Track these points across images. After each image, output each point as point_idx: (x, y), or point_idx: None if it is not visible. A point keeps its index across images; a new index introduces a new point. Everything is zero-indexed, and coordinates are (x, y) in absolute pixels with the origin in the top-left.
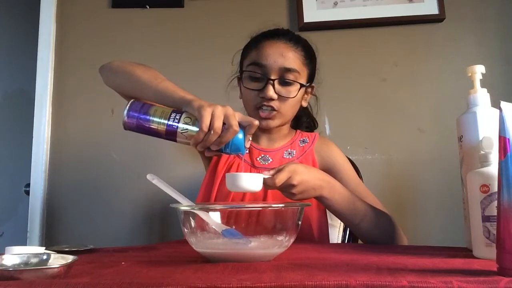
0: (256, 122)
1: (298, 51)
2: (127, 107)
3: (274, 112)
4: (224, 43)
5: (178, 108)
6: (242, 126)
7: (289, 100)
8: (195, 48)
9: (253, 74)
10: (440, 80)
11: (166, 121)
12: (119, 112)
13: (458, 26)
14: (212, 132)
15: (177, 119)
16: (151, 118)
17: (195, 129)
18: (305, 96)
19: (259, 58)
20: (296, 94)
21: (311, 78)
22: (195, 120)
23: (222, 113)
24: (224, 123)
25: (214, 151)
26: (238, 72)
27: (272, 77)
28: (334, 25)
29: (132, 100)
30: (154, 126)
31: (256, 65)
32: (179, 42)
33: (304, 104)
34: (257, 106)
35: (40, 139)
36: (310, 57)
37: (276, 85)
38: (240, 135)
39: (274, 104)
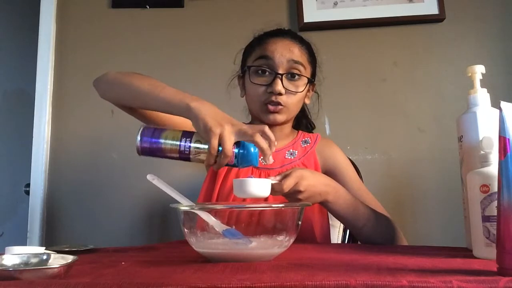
0: (266, 130)
1: (303, 48)
2: (139, 134)
3: (282, 107)
4: (224, 43)
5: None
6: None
7: (296, 95)
8: (195, 48)
9: (260, 69)
10: (440, 80)
11: (178, 146)
12: (119, 113)
13: (458, 26)
14: (223, 156)
15: (188, 141)
16: (163, 143)
17: (207, 150)
18: (308, 93)
19: (266, 52)
20: (304, 89)
21: (313, 75)
22: (206, 140)
23: (231, 134)
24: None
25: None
26: (239, 71)
27: (280, 71)
28: (334, 25)
29: (143, 127)
30: (167, 150)
31: (263, 59)
32: (179, 42)
33: (307, 101)
34: (265, 101)
35: (40, 139)
36: (312, 55)
37: (284, 80)
38: (252, 149)
39: (282, 99)
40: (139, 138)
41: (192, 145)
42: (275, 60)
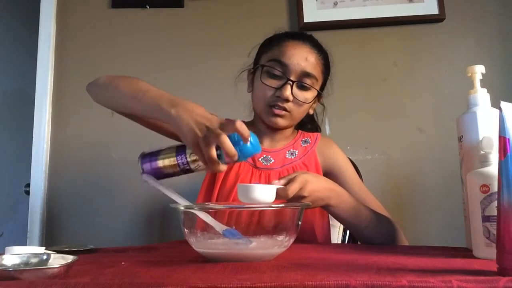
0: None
1: (320, 59)
2: (139, 163)
3: (286, 112)
4: (224, 43)
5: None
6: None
7: (303, 105)
8: (195, 48)
9: (272, 71)
10: (440, 80)
11: (176, 164)
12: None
13: (458, 26)
14: (227, 159)
15: (183, 156)
16: (162, 166)
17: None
18: (313, 104)
19: (282, 56)
20: (311, 101)
21: (323, 86)
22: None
23: (223, 135)
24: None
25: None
26: (251, 65)
27: (292, 78)
28: (334, 25)
29: (141, 155)
30: (170, 172)
31: (278, 62)
32: (179, 42)
33: (311, 111)
34: (271, 104)
35: (40, 139)
36: (327, 66)
37: (294, 88)
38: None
39: (288, 105)
40: (140, 167)
41: (189, 158)
42: (290, 67)
